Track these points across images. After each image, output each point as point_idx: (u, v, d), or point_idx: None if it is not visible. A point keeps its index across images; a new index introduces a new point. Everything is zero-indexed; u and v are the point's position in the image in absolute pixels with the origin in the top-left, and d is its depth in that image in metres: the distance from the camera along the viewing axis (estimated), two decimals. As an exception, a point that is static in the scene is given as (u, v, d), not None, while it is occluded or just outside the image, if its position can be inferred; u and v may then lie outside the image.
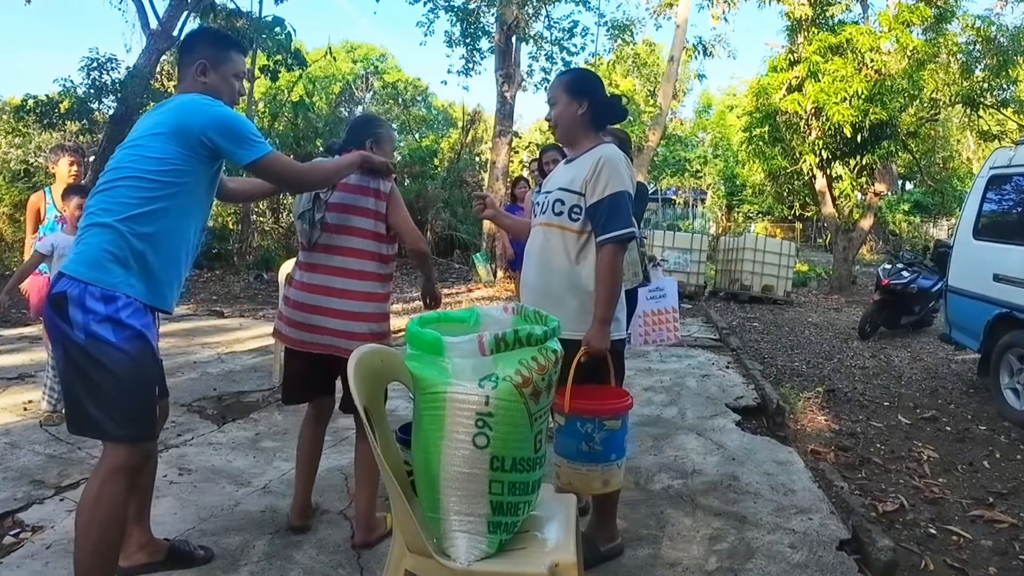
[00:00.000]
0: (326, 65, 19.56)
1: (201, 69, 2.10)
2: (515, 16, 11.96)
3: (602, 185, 2.27)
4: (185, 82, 2.13)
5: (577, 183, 2.33)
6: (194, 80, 2.10)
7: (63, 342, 1.86)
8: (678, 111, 25.38)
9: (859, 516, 2.90)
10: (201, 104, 2.00)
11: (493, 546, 1.65)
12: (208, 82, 2.10)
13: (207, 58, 2.10)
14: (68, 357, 1.87)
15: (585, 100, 2.37)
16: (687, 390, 5.07)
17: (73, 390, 1.89)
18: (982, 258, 5.17)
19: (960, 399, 5.29)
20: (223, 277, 10.86)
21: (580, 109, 2.36)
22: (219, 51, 2.13)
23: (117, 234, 1.88)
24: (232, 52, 2.16)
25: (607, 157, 2.30)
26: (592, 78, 2.50)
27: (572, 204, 2.34)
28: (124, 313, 1.87)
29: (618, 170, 2.29)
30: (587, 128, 2.40)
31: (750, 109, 13.25)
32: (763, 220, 24.73)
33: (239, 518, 2.73)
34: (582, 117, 2.37)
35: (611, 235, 2.26)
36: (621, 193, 2.27)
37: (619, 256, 2.29)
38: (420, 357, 1.64)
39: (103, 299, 1.84)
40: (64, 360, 1.88)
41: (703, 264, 11.09)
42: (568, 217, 2.35)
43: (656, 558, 2.56)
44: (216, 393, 4.53)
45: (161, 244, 1.95)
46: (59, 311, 1.85)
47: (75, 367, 1.86)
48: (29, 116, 9.70)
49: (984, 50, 11.27)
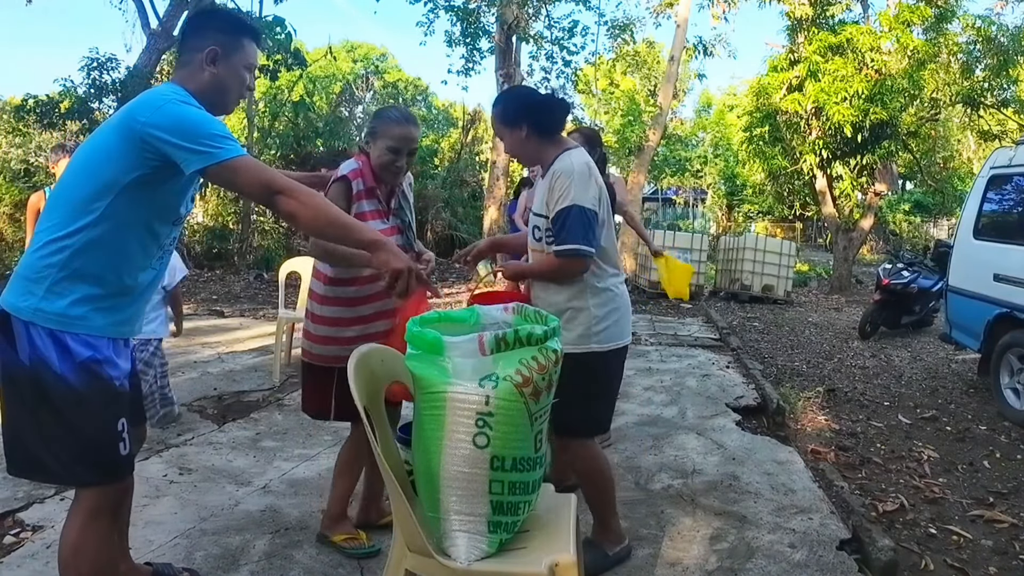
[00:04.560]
0: (326, 65, 19.56)
1: (212, 57, 1.78)
2: (515, 16, 11.95)
3: (553, 202, 2.24)
4: (185, 69, 1.81)
5: (541, 204, 2.32)
6: (199, 68, 1.79)
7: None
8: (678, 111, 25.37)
9: (859, 516, 2.90)
10: (158, 95, 1.69)
11: (493, 546, 1.65)
12: (217, 73, 1.79)
13: (220, 44, 1.78)
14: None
15: (522, 123, 2.31)
16: (687, 390, 5.07)
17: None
18: (982, 258, 5.17)
19: (960, 399, 5.28)
20: (223, 277, 10.86)
21: (523, 133, 2.32)
22: (233, 37, 1.82)
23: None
24: (246, 40, 1.85)
25: (558, 171, 2.25)
26: (518, 98, 2.46)
27: (545, 228, 2.31)
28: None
29: (565, 184, 2.21)
30: (541, 144, 2.34)
31: (750, 109, 13.24)
32: (763, 220, 24.71)
33: (239, 518, 2.73)
34: (529, 139, 2.33)
35: (558, 248, 2.23)
36: (568, 208, 2.19)
37: (568, 266, 2.25)
38: (420, 357, 1.64)
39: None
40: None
41: (703, 264, 11.08)
42: (544, 243, 2.34)
43: (656, 558, 2.56)
44: (216, 393, 4.54)
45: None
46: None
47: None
48: (29, 116, 9.71)
49: (984, 50, 11.26)
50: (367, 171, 2.38)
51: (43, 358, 1.63)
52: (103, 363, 1.70)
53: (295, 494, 2.98)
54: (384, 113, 2.46)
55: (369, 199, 2.38)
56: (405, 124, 2.36)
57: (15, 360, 1.64)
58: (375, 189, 2.39)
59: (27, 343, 1.63)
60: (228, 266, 11.72)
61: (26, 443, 1.67)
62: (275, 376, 4.80)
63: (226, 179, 1.70)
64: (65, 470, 1.69)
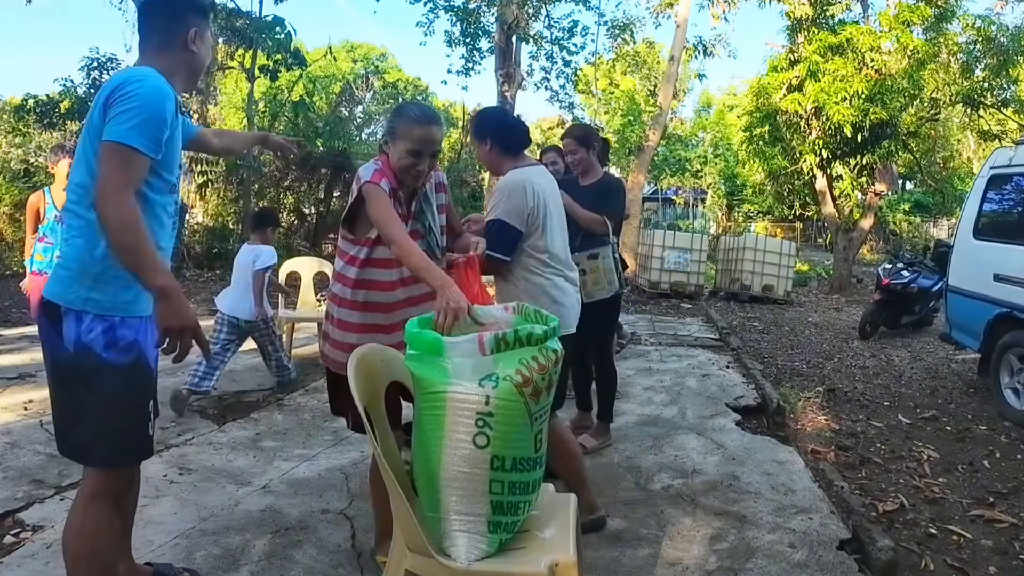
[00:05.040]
0: (326, 65, 19.57)
1: (195, 36, 1.86)
2: (515, 16, 11.95)
3: (488, 209, 2.64)
4: (161, 47, 1.84)
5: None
6: (184, 48, 1.85)
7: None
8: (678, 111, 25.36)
9: (859, 516, 2.90)
10: (135, 76, 1.72)
11: (493, 546, 1.65)
12: (198, 52, 1.88)
13: (200, 25, 1.88)
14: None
15: (487, 137, 2.65)
16: (687, 390, 5.07)
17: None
18: (982, 258, 5.17)
19: (960, 399, 5.28)
20: (223, 277, 10.85)
21: (487, 147, 2.67)
22: (205, 18, 1.92)
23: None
24: (210, 16, 1.97)
25: (498, 186, 2.65)
26: (484, 117, 2.81)
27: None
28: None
29: (499, 199, 2.58)
30: (501, 158, 2.67)
31: (750, 109, 13.23)
32: (763, 220, 24.70)
33: (239, 518, 2.73)
34: (492, 152, 2.67)
35: (486, 251, 2.45)
36: (492, 221, 2.57)
37: (491, 266, 2.54)
38: (420, 357, 1.64)
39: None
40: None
41: (703, 264, 11.08)
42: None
43: (656, 558, 2.56)
44: (216, 393, 4.53)
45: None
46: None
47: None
48: (29, 116, 9.73)
49: (984, 50, 11.25)
50: (388, 172, 2.21)
51: (88, 344, 1.71)
52: (144, 346, 1.81)
53: (295, 494, 2.98)
54: (404, 111, 2.25)
55: (391, 200, 2.21)
56: (427, 124, 2.18)
57: (60, 347, 1.73)
58: (396, 191, 2.22)
59: (74, 331, 1.71)
60: (228, 266, 11.68)
61: (73, 426, 1.77)
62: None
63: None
64: (106, 451, 1.77)
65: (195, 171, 12.23)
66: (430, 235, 2.34)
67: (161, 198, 1.84)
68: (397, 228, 2.09)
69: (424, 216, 2.34)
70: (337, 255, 2.39)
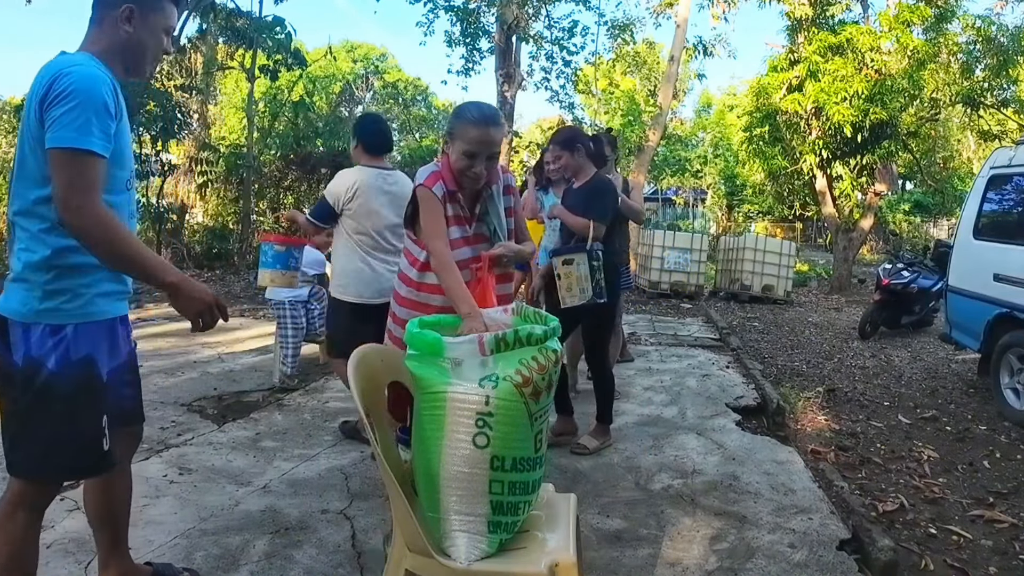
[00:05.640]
0: (326, 65, 19.56)
1: (127, 15, 1.70)
2: (515, 16, 11.94)
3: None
4: (99, 28, 1.72)
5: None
6: (114, 28, 1.71)
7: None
8: (678, 111, 25.36)
9: (859, 516, 2.90)
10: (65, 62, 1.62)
11: (493, 546, 1.65)
12: (132, 32, 1.72)
13: (136, 3, 1.71)
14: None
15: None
16: (687, 390, 5.07)
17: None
18: (982, 258, 5.17)
19: (960, 399, 5.28)
20: (223, 277, 10.86)
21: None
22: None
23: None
24: (166, 1, 1.77)
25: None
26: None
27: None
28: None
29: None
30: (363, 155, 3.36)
31: (750, 109, 13.24)
32: (763, 220, 24.71)
33: (239, 518, 2.73)
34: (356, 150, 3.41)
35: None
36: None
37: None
38: (420, 357, 1.64)
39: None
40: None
41: (703, 264, 11.08)
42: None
43: (656, 558, 2.56)
44: (216, 393, 4.53)
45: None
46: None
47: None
48: (29, 116, 9.69)
49: (984, 50, 11.25)
50: (447, 174, 2.16)
51: (37, 358, 1.63)
52: (97, 360, 1.71)
53: (295, 494, 2.98)
54: (462, 111, 2.19)
55: (451, 203, 2.19)
56: (484, 126, 2.10)
57: (8, 361, 1.66)
58: (456, 193, 2.18)
59: (23, 345, 1.64)
60: (228, 266, 11.71)
61: (20, 441, 1.68)
62: (275, 376, 4.80)
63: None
64: (51, 466, 1.69)
65: (195, 171, 12.24)
66: (495, 238, 2.28)
67: (117, 197, 1.71)
68: (439, 241, 2.07)
69: (489, 219, 2.29)
70: (403, 254, 2.39)
